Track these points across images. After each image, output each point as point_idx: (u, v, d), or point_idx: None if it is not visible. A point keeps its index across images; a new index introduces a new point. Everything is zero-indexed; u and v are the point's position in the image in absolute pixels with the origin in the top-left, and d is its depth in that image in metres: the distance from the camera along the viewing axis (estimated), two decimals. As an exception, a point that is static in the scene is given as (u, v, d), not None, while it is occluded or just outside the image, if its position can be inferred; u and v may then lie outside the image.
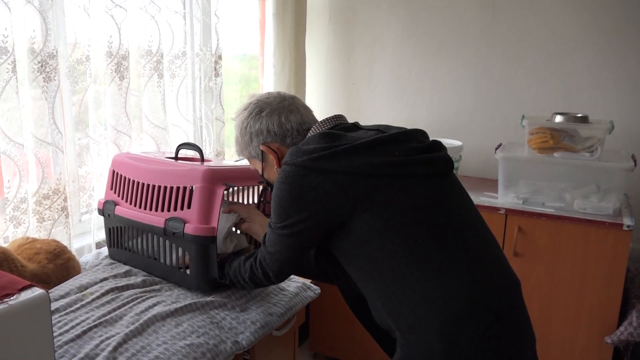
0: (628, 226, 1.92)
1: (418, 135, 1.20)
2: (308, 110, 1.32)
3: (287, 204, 1.13)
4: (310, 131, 1.26)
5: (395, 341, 1.13)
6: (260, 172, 1.36)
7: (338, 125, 1.24)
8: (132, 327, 1.25)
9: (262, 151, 1.30)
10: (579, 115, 2.13)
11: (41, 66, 1.58)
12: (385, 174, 1.08)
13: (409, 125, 1.28)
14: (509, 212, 2.11)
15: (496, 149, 2.23)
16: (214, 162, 1.69)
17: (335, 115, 1.28)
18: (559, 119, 2.15)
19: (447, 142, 2.47)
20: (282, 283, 1.57)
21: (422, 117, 2.75)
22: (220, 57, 2.29)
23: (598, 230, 1.97)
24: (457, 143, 2.45)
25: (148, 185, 1.52)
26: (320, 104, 2.96)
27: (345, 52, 2.89)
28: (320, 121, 1.27)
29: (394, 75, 2.79)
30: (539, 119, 2.20)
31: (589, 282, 2.02)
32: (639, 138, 2.34)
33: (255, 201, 1.70)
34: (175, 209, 1.45)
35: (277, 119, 1.28)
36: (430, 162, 1.13)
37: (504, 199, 2.17)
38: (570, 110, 2.36)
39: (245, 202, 1.70)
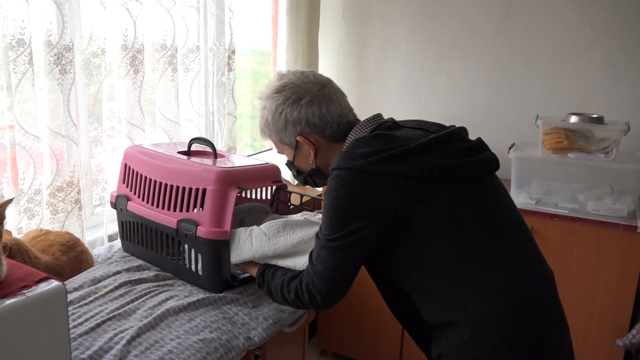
0: (642, 229, 1.90)
1: (462, 133, 1.19)
2: (344, 97, 1.28)
3: (345, 211, 1.08)
4: (353, 132, 1.22)
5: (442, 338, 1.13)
6: (290, 159, 1.30)
7: (381, 125, 1.22)
8: (145, 321, 1.25)
9: (296, 142, 1.24)
10: (595, 116, 2.11)
11: (57, 58, 1.58)
12: (441, 177, 1.08)
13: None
14: (522, 212, 2.07)
15: (509, 148, 2.21)
16: (226, 158, 1.68)
17: (375, 115, 1.25)
18: (574, 119, 2.13)
19: (460, 140, 2.45)
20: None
21: (434, 115, 2.73)
22: (233, 52, 2.29)
23: (612, 232, 1.95)
24: (470, 142, 2.43)
25: (160, 183, 1.51)
26: (332, 100, 2.94)
27: (357, 49, 2.88)
28: (363, 122, 1.23)
29: (406, 72, 2.78)
30: (553, 119, 2.18)
31: (601, 284, 2.00)
32: (654, 140, 2.32)
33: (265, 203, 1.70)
34: (187, 210, 1.44)
35: (318, 109, 1.21)
36: (482, 163, 1.14)
37: (516, 199, 2.15)
38: (586, 110, 2.34)
39: (259, 202, 1.70)
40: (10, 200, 0.95)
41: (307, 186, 2.71)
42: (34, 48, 1.52)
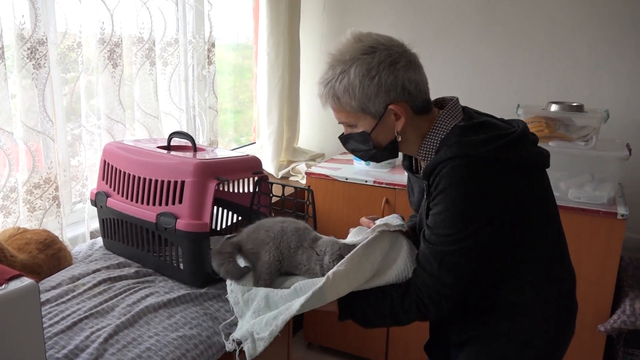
0: (622, 215, 1.91)
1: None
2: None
3: (479, 203, 1.00)
4: (444, 118, 1.12)
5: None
6: (367, 130, 1.12)
7: (465, 111, 1.16)
8: (123, 319, 1.24)
9: (383, 111, 1.09)
10: (574, 104, 2.12)
11: (31, 52, 1.55)
12: (539, 166, 1.10)
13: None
14: (504, 201, 2.10)
15: (491, 138, 2.21)
16: (207, 151, 1.67)
17: (454, 98, 1.18)
18: (554, 108, 2.13)
19: (442, 131, 2.46)
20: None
21: (417, 106, 2.73)
22: (213, 45, 2.26)
23: (592, 219, 1.96)
24: (452, 132, 2.43)
25: (139, 177, 1.50)
26: (315, 93, 2.91)
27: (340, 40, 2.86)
28: (450, 107, 1.13)
29: (389, 63, 2.76)
30: (534, 108, 2.19)
31: (583, 270, 2.01)
32: (634, 127, 2.34)
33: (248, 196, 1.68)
34: (166, 204, 1.43)
35: (414, 75, 1.09)
36: (549, 157, 1.14)
37: (498, 188, 2.16)
38: (566, 99, 2.35)
39: (240, 194, 1.67)
40: None
41: (292, 177, 2.71)
42: (5, 42, 1.49)
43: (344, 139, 1.18)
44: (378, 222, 1.17)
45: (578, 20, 2.37)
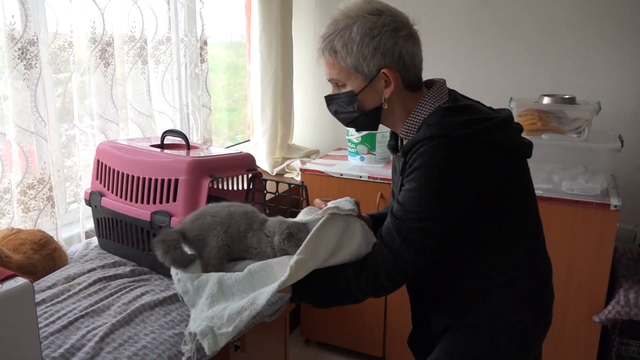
0: (615, 206, 1.93)
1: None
2: None
3: (452, 183, 1.01)
4: (428, 99, 1.12)
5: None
6: (355, 90, 1.12)
7: (451, 94, 1.17)
8: (119, 317, 1.24)
9: (375, 74, 1.10)
10: (567, 96, 2.13)
11: (22, 53, 1.54)
12: (519, 154, 1.11)
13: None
14: (498, 194, 2.11)
15: (485, 131, 2.22)
16: (200, 149, 1.67)
17: (441, 80, 1.19)
18: (546, 100, 2.14)
19: (436, 125, 2.46)
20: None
21: (410, 101, 2.73)
22: (205, 43, 2.26)
23: (586, 210, 1.98)
24: (446, 126, 2.44)
25: (133, 176, 1.50)
26: (308, 90, 2.94)
27: (332, 37, 2.86)
28: (436, 89, 1.15)
29: (382, 59, 2.77)
30: (526, 101, 2.20)
31: (577, 262, 2.03)
32: (626, 119, 2.35)
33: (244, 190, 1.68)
34: (161, 202, 1.43)
35: (412, 47, 1.11)
36: (531, 147, 1.15)
37: (492, 181, 2.17)
38: (558, 92, 2.36)
39: (234, 191, 1.67)
40: None
41: (287, 174, 2.71)
42: (-5, 43, 1.49)
43: (329, 98, 1.18)
44: (330, 204, 1.16)
45: (570, 13, 2.37)
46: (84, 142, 1.84)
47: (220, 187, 1.74)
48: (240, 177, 1.68)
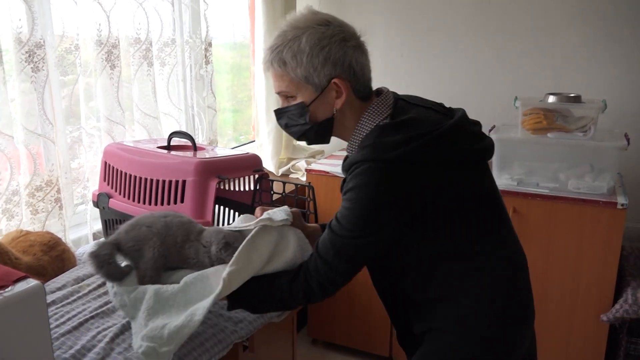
0: (622, 205, 1.92)
1: (467, 116, 1.17)
2: None
3: (381, 206, 1.03)
4: (369, 115, 1.13)
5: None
6: (306, 101, 1.12)
7: (396, 106, 1.14)
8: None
9: (326, 84, 1.10)
10: (572, 95, 2.13)
11: (29, 56, 1.55)
12: (461, 162, 1.08)
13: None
14: (504, 193, 2.06)
15: (490, 130, 2.22)
16: (207, 150, 1.67)
17: (385, 94, 1.17)
18: (552, 99, 2.14)
19: (441, 125, 2.46)
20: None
21: (415, 101, 2.73)
22: (210, 44, 2.27)
23: (592, 209, 1.97)
24: (451, 126, 2.44)
25: (140, 178, 1.51)
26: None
27: (336, 37, 2.86)
28: (377, 103, 1.14)
29: (385, 59, 2.77)
30: (532, 100, 2.19)
31: (585, 261, 2.03)
32: (632, 117, 2.34)
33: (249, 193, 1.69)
34: (169, 203, 1.44)
35: (361, 58, 1.11)
36: (488, 150, 1.14)
37: (498, 180, 2.14)
38: (564, 90, 2.35)
39: (241, 192, 1.67)
40: None
41: (292, 174, 2.72)
42: (3, 46, 1.49)
43: (279, 112, 1.18)
44: (264, 214, 1.19)
45: (572, 10, 2.37)
46: (89, 144, 1.84)
47: (227, 187, 1.74)
48: (247, 178, 1.69)
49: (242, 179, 1.72)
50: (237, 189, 1.73)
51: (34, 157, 1.62)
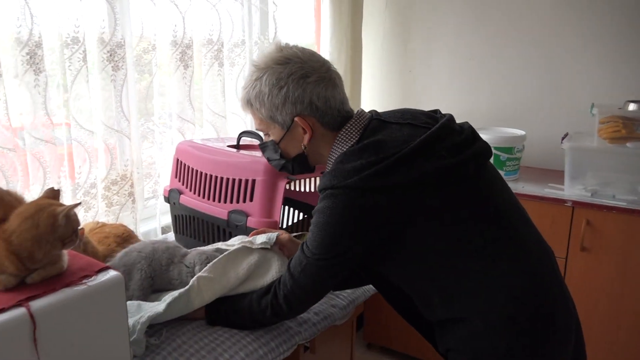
0: None
1: (452, 124, 1.11)
2: (342, 83, 1.19)
3: (340, 232, 1.03)
4: (339, 141, 1.13)
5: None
6: (275, 139, 1.18)
7: (368, 128, 1.12)
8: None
9: (291, 123, 1.13)
10: (655, 103, 2.01)
11: (110, 55, 1.62)
12: (438, 180, 1.02)
13: (467, 114, 1.21)
14: (576, 204, 2.02)
15: (562, 138, 2.13)
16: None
17: (358, 115, 1.16)
18: (632, 107, 2.03)
19: (510, 131, 2.39)
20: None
21: (482, 106, 2.66)
22: (278, 45, 2.29)
23: (675, 224, 1.86)
24: (521, 132, 2.36)
25: (211, 175, 1.54)
26: (376, 92, 2.92)
27: (402, 39, 2.84)
28: (348, 128, 1.13)
29: (453, 61, 2.71)
30: (610, 108, 2.09)
31: (663, 279, 1.91)
32: None
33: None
34: (237, 201, 1.46)
35: (324, 92, 1.11)
36: (476, 156, 1.08)
37: (570, 190, 2.07)
38: (643, 97, 2.23)
39: (305, 193, 1.68)
40: (76, 205, 0.98)
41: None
42: (87, 46, 1.56)
43: (261, 146, 1.24)
44: (249, 237, 1.30)
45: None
46: (161, 141, 1.91)
47: (292, 188, 1.76)
48: (313, 179, 1.69)
49: (307, 180, 1.73)
50: (302, 189, 1.74)
51: (110, 152, 1.69)
